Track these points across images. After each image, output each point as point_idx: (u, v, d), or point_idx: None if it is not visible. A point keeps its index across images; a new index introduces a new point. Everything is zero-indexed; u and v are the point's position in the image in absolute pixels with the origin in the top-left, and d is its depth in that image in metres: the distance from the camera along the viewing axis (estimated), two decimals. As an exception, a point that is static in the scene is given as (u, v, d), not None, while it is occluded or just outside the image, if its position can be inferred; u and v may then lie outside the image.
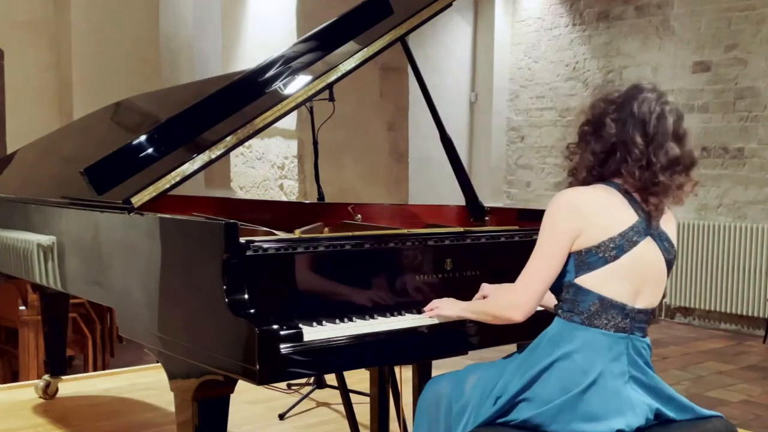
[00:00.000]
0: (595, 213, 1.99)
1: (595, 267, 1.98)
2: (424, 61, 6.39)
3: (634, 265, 2.00)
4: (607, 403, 1.95)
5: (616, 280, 1.98)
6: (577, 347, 1.98)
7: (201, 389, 2.16)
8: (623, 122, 2.01)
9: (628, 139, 1.99)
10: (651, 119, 2.00)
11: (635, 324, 2.02)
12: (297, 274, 2.17)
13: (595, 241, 1.97)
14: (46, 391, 4.06)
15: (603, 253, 1.97)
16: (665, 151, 1.99)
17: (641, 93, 2.03)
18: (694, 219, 7.30)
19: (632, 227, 1.99)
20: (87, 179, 2.37)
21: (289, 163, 6.79)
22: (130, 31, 6.36)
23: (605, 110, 2.04)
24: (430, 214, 3.14)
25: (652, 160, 1.98)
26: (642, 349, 2.03)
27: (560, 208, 2.01)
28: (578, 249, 1.99)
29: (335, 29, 2.64)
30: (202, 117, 2.48)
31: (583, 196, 2.02)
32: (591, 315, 1.99)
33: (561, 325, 2.03)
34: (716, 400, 4.80)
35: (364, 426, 3.11)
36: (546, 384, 1.98)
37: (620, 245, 1.98)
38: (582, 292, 2.00)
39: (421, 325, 2.21)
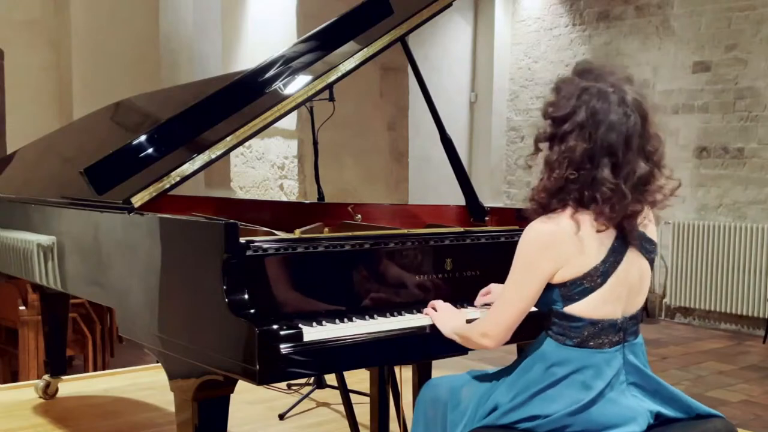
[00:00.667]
0: (571, 246, 1.88)
1: (583, 296, 1.91)
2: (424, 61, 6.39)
3: (620, 282, 1.94)
4: (609, 416, 1.93)
5: (605, 303, 1.93)
6: (576, 368, 1.94)
7: (201, 389, 2.16)
8: (590, 155, 1.86)
9: (598, 176, 1.86)
10: (618, 141, 1.86)
11: (627, 331, 1.98)
12: (297, 274, 2.17)
13: (578, 272, 1.90)
14: (46, 391, 4.06)
15: (589, 282, 1.90)
16: (633, 171, 1.88)
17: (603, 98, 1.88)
18: (694, 219, 7.30)
19: (612, 249, 1.91)
20: (87, 179, 2.37)
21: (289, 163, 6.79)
22: (130, 31, 6.37)
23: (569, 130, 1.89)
24: (430, 214, 3.14)
25: (624, 192, 1.86)
26: (636, 351, 2.01)
27: (534, 246, 1.91)
28: (562, 281, 1.91)
29: (335, 29, 2.64)
30: (202, 117, 2.48)
31: (554, 229, 1.89)
32: (584, 339, 1.94)
33: (554, 347, 1.97)
34: (716, 400, 4.79)
35: (364, 426, 3.11)
36: (546, 403, 1.95)
37: (604, 271, 1.90)
38: (573, 319, 1.94)
39: (421, 325, 2.20)
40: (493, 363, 2.29)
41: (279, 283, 2.13)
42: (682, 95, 7.43)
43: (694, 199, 7.34)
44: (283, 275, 2.14)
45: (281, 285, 2.13)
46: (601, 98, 1.90)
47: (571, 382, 1.95)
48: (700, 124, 7.30)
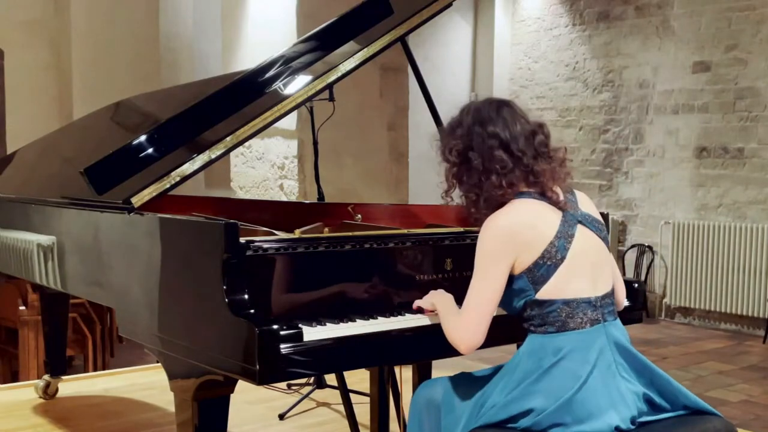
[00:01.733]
0: (525, 230, 2.02)
1: (549, 275, 2.00)
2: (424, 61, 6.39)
3: (581, 257, 2.03)
4: (599, 400, 1.95)
5: (572, 279, 2.01)
6: (563, 355, 1.98)
7: (201, 389, 2.16)
8: (481, 145, 2.10)
9: (490, 156, 2.08)
10: (500, 128, 2.11)
11: (604, 310, 2.05)
12: (297, 274, 2.17)
13: (537, 253, 2.00)
14: (46, 391, 4.06)
15: (550, 259, 2.00)
16: (526, 141, 2.12)
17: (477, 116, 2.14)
18: (694, 219, 7.30)
19: (562, 224, 2.04)
20: (87, 179, 2.37)
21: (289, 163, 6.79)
22: (130, 31, 6.37)
23: (463, 145, 2.12)
24: (430, 214, 3.14)
25: (518, 157, 2.08)
26: (617, 332, 2.06)
27: (494, 236, 2.03)
28: (526, 267, 2.01)
29: (335, 29, 2.64)
30: (202, 117, 2.48)
31: (509, 218, 2.04)
32: (563, 321, 2.00)
33: (539, 339, 2.03)
34: (716, 400, 4.80)
35: (364, 426, 3.11)
36: (538, 396, 1.97)
37: (561, 246, 2.01)
38: (546, 304, 2.01)
39: (421, 325, 2.20)
40: (492, 363, 2.28)
41: (279, 283, 2.13)
42: (682, 95, 7.43)
43: (694, 199, 7.34)
44: (283, 275, 2.14)
45: (281, 285, 2.13)
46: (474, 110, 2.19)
47: (559, 371, 1.98)
48: (700, 124, 7.30)
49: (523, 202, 2.07)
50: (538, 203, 2.07)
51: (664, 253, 7.60)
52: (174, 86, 5.09)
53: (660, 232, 7.59)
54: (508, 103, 2.19)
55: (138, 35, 6.42)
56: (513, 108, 2.19)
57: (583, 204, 2.15)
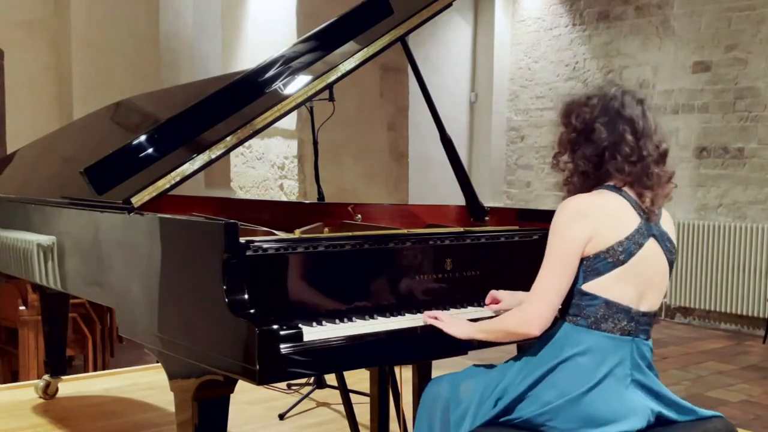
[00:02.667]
0: (602, 218, 1.99)
1: (604, 272, 1.98)
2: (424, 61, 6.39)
3: (640, 268, 2.00)
4: (609, 407, 1.95)
5: (622, 284, 1.99)
6: (583, 350, 1.98)
7: (201, 389, 2.16)
8: (613, 123, 2.04)
9: (620, 139, 2.02)
10: (637, 118, 2.05)
11: (639, 327, 2.02)
12: (297, 274, 2.17)
13: (604, 245, 1.97)
14: (46, 391, 4.06)
15: (612, 257, 1.97)
16: (655, 145, 2.05)
17: (618, 95, 2.08)
18: (694, 219, 7.30)
19: (637, 229, 2.00)
20: (87, 179, 2.37)
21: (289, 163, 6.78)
22: (130, 31, 6.37)
23: (592, 116, 2.06)
24: (430, 214, 3.14)
25: (643, 154, 2.02)
26: (645, 352, 2.04)
27: (569, 216, 2.00)
28: (587, 254, 1.99)
29: (335, 29, 2.64)
30: (202, 117, 2.48)
31: (589, 201, 2.02)
32: (597, 319, 1.99)
33: (567, 329, 2.03)
34: (716, 400, 4.79)
35: (364, 426, 3.11)
36: (549, 386, 1.98)
37: (628, 249, 1.98)
38: (588, 297, 2.00)
39: (420, 325, 2.20)
40: (494, 362, 2.28)
41: (279, 283, 2.13)
42: (682, 95, 7.43)
43: (694, 199, 7.34)
44: (283, 275, 2.14)
45: (281, 285, 2.13)
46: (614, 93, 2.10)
47: (573, 365, 1.98)
48: (700, 124, 7.30)
49: (609, 194, 2.04)
50: (623, 200, 2.03)
51: (664, 253, 7.60)
52: (174, 86, 5.09)
53: (660, 232, 7.58)
54: (646, 102, 2.12)
55: (138, 35, 6.42)
56: (650, 110, 2.11)
57: (665, 222, 2.12)
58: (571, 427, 1.95)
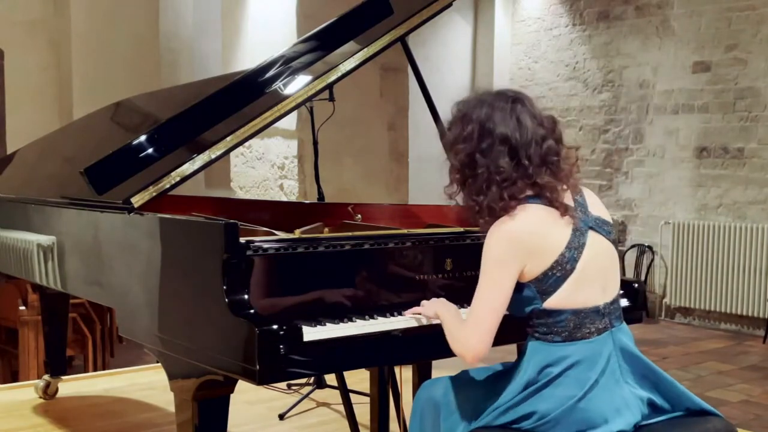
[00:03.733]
0: (535, 238, 1.94)
1: (558, 286, 1.95)
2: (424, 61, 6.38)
3: (592, 267, 1.98)
4: (603, 407, 1.94)
5: (582, 288, 1.96)
6: (570, 364, 1.96)
7: (201, 389, 2.16)
8: (489, 149, 1.98)
9: (495, 167, 1.97)
10: (512, 132, 1.98)
11: (612, 317, 2.02)
12: (297, 274, 2.16)
13: (548, 263, 1.93)
14: (46, 391, 4.06)
15: (560, 270, 1.94)
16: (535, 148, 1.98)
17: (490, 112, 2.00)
18: (694, 219, 7.30)
19: (573, 233, 1.97)
20: (87, 179, 2.37)
21: (289, 163, 6.79)
22: (130, 31, 6.37)
23: (472, 148, 2.00)
24: (430, 214, 3.14)
25: (524, 166, 1.97)
26: (623, 338, 2.04)
27: (500, 241, 1.94)
28: (534, 276, 1.94)
29: (335, 29, 2.64)
30: (202, 117, 2.48)
31: (518, 225, 1.95)
32: (570, 331, 1.96)
33: (544, 347, 1.98)
34: (716, 400, 4.79)
35: (364, 426, 3.11)
36: (544, 399, 1.96)
37: (572, 257, 1.95)
38: (555, 314, 1.96)
39: (421, 325, 2.20)
40: (492, 363, 2.28)
41: (279, 283, 2.13)
42: (682, 95, 7.43)
43: (694, 199, 7.34)
44: (283, 275, 2.14)
45: (281, 285, 2.13)
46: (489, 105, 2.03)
47: (565, 379, 1.96)
48: (700, 124, 7.30)
49: (532, 209, 1.97)
50: (546, 210, 1.98)
51: (664, 253, 7.60)
52: (174, 86, 5.09)
53: (660, 232, 7.59)
54: (522, 100, 2.04)
55: (138, 35, 6.42)
56: (526, 105, 2.03)
57: (593, 205, 2.07)
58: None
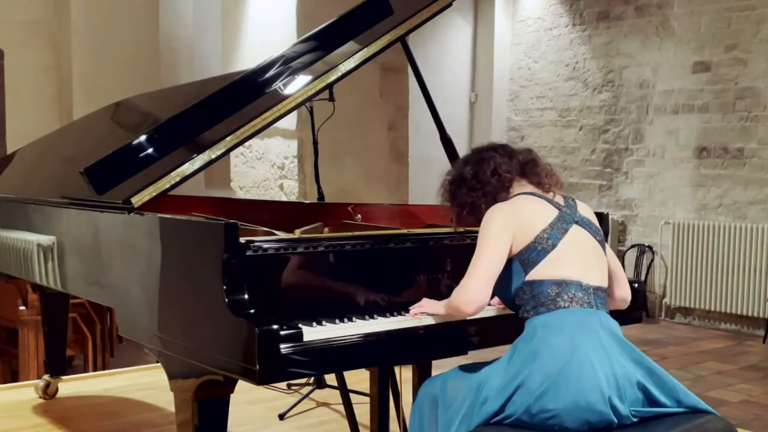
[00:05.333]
0: (524, 213, 2.17)
1: (539, 259, 2.11)
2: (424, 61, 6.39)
3: (573, 248, 2.15)
4: (590, 375, 1.97)
5: (563, 263, 2.12)
6: (551, 330, 2.04)
7: (201, 389, 2.16)
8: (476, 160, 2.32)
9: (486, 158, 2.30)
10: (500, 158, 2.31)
11: (597, 300, 2.12)
12: (297, 274, 2.17)
13: (530, 237, 2.13)
14: (46, 391, 4.06)
15: (541, 244, 2.12)
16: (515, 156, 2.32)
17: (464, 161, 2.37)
18: (694, 219, 7.30)
19: (558, 218, 2.17)
20: (87, 179, 2.37)
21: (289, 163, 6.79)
22: (130, 31, 6.37)
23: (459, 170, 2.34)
24: (430, 214, 3.14)
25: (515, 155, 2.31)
26: (613, 326, 2.11)
27: (495, 216, 2.18)
28: (518, 251, 2.13)
29: (335, 29, 2.64)
30: (202, 117, 2.48)
31: (509, 204, 2.22)
32: (553, 299, 2.09)
33: (530, 323, 2.11)
34: (716, 400, 4.79)
35: (364, 426, 3.11)
36: (532, 373, 2.00)
37: (553, 234, 2.14)
38: (537, 284, 2.11)
39: (420, 325, 2.20)
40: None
41: (279, 283, 2.13)
42: (682, 95, 7.43)
43: (694, 199, 7.34)
44: (283, 275, 2.14)
45: (281, 285, 2.14)
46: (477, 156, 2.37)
47: (547, 346, 2.03)
48: (700, 124, 7.30)
49: (523, 197, 2.23)
50: (537, 199, 2.22)
51: (664, 253, 7.60)
52: (174, 86, 5.09)
53: (660, 232, 7.59)
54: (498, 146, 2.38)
55: (138, 35, 6.42)
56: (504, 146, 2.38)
57: (582, 209, 2.27)
58: (564, 406, 1.95)
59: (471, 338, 2.31)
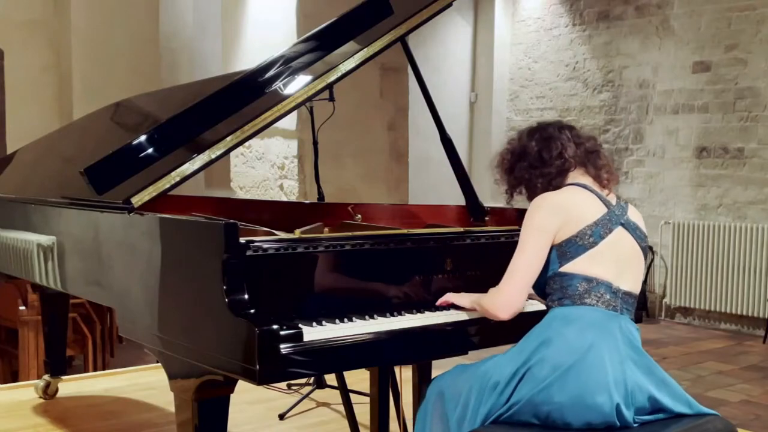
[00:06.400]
0: (572, 207, 2.15)
1: (577, 255, 2.10)
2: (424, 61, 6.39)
3: (612, 250, 2.12)
4: (602, 375, 1.97)
5: (598, 262, 2.10)
6: (568, 322, 2.05)
7: (201, 389, 2.16)
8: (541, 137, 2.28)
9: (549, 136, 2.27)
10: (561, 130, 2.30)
11: (624, 305, 2.11)
12: (297, 274, 2.17)
13: (574, 230, 2.11)
14: (46, 391, 4.06)
15: (582, 240, 2.10)
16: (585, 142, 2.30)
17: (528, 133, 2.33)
18: (694, 219, 7.30)
19: (604, 216, 2.14)
20: (87, 179, 2.37)
21: (289, 163, 6.79)
22: (130, 31, 6.36)
23: (519, 143, 2.32)
24: (430, 214, 3.14)
25: (581, 140, 2.28)
26: (633, 332, 2.10)
27: (542, 208, 2.16)
28: (559, 241, 2.12)
29: (335, 29, 2.64)
30: (202, 117, 2.48)
31: (558, 195, 2.19)
32: (580, 294, 2.08)
33: (553, 312, 2.12)
34: (716, 400, 4.80)
35: (364, 426, 3.11)
36: (540, 362, 2.01)
37: (597, 232, 2.11)
38: (567, 277, 2.10)
39: (420, 325, 2.20)
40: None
41: (279, 283, 2.13)
42: (682, 95, 7.43)
43: (694, 199, 7.34)
44: (283, 275, 2.14)
45: (281, 285, 2.13)
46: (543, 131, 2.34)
47: (560, 336, 2.03)
48: (700, 124, 7.30)
49: (575, 189, 2.21)
50: (588, 193, 2.19)
51: (664, 253, 7.60)
52: (174, 86, 5.09)
53: (660, 232, 7.59)
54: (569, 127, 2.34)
55: (138, 35, 6.41)
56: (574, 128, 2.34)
57: (633, 214, 2.24)
58: (568, 400, 1.95)
59: (471, 338, 2.31)
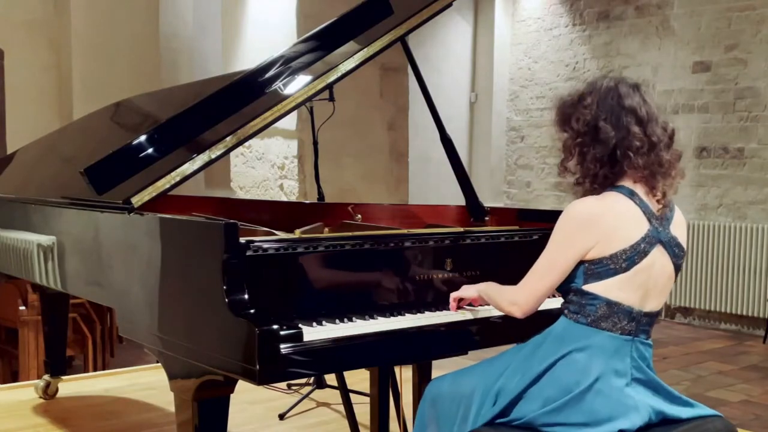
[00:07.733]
0: (610, 226, 1.96)
1: (606, 276, 1.98)
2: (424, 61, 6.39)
3: (643, 275, 1.99)
4: (609, 405, 1.95)
5: (624, 288, 1.98)
6: (581, 347, 1.99)
7: (201, 389, 2.16)
8: (616, 118, 2.01)
9: (626, 132, 1.99)
10: (638, 106, 2.02)
11: (640, 327, 2.02)
12: (297, 274, 2.17)
13: (607, 252, 1.96)
14: (46, 391, 4.06)
15: (614, 264, 1.97)
16: (662, 128, 2.05)
17: (612, 86, 2.05)
18: (694, 219, 7.30)
19: (644, 237, 1.98)
20: (87, 179, 2.37)
21: (289, 163, 6.79)
22: (130, 31, 6.36)
23: (592, 115, 2.04)
24: (430, 214, 3.14)
25: (653, 141, 2.01)
26: (645, 353, 2.04)
27: (576, 220, 1.99)
28: (590, 258, 1.98)
29: (335, 29, 2.64)
30: (202, 117, 2.48)
31: (598, 205, 1.99)
32: (597, 318, 1.99)
33: (566, 325, 2.04)
34: (716, 400, 4.79)
35: (364, 426, 3.11)
36: (549, 382, 1.99)
37: (631, 257, 1.97)
38: (589, 296, 2.00)
39: (421, 325, 2.20)
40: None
41: (279, 283, 2.13)
42: (682, 95, 7.42)
43: (694, 199, 7.34)
44: (283, 275, 2.14)
45: (281, 285, 2.13)
46: (607, 85, 2.08)
47: (572, 360, 1.98)
48: (700, 124, 7.30)
49: (620, 198, 2.01)
50: (633, 206, 2.00)
51: (664, 253, 7.59)
52: (174, 86, 5.09)
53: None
54: (642, 88, 2.09)
55: (138, 35, 6.41)
56: (647, 93, 2.08)
57: (676, 226, 2.08)
58: (574, 425, 1.95)
59: (471, 338, 2.31)
